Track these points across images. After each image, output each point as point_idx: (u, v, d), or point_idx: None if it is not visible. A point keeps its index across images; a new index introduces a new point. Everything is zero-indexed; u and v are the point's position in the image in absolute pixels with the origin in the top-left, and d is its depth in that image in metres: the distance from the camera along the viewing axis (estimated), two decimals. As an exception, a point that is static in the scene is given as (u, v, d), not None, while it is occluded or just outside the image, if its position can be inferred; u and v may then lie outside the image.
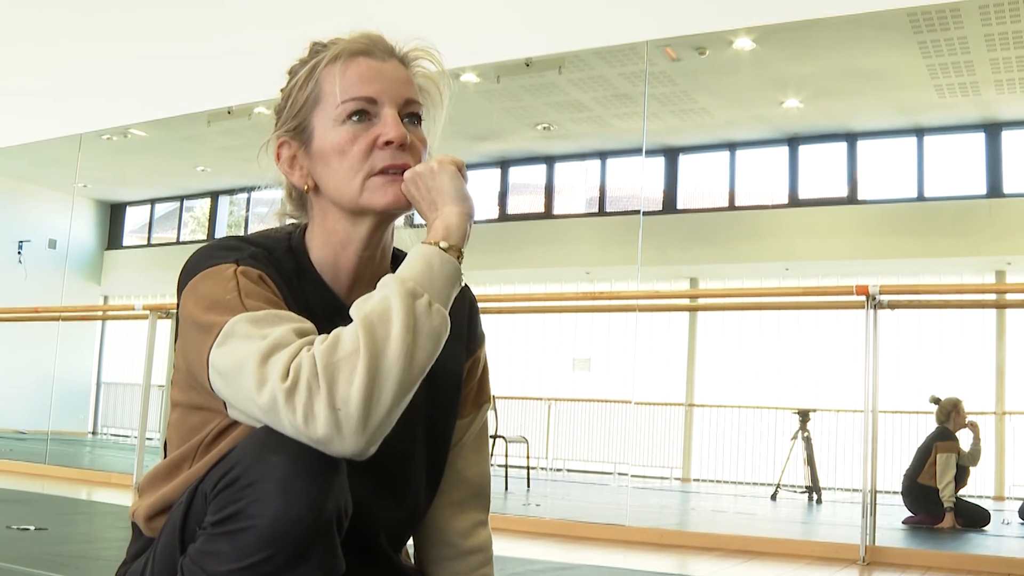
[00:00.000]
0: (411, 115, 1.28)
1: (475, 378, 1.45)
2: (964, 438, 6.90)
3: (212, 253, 1.24)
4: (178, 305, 1.23)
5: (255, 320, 1.12)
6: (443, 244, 1.18)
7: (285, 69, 1.34)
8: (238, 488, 1.06)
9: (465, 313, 1.43)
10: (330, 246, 1.31)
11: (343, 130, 1.25)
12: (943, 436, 6.80)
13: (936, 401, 6.95)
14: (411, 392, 1.10)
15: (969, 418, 6.94)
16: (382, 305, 1.11)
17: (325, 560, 1.08)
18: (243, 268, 1.21)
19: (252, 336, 1.10)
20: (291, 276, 1.28)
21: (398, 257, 1.38)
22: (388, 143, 1.24)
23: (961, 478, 6.75)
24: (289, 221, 1.37)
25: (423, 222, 1.28)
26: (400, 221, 1.37)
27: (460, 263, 1.19)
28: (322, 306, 1.28)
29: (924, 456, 6.78)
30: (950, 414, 6.87)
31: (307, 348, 1.08)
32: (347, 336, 1.08)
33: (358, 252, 1.30)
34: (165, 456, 1.31)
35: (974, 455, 6.89)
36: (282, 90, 1.32)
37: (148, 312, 6.70)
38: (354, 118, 1.25)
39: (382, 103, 1.25)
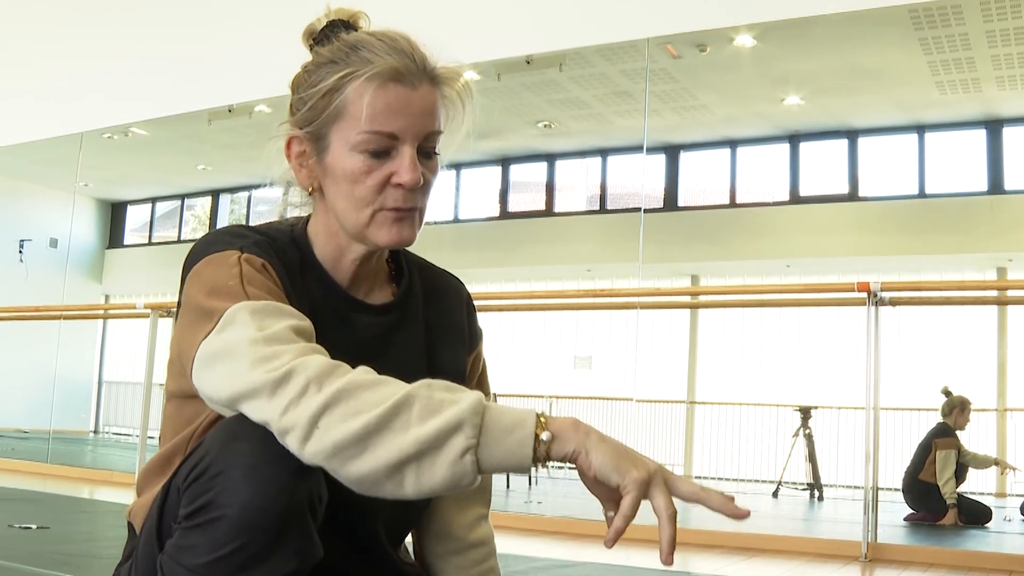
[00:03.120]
0: (429, 149, 1.25)
1: (476, 374, 1.45)
2: (963, 436, 6.90)
3: (217, 239, 1.23)
4: (181, 289, 1.22)
5: (255, 310, 1.12)
6: (544, 437, 1.07)
7: (284, 67, 1.33)
8: (207, 479, 1.06)
9: (464, 311, 1.44)
10: (332, 247, 1.30)
11: (360, 159, 1.22)
12: (943, 433, 6.79)
13: (947, 393, 6.93)
14: (375, 486, 1.04)
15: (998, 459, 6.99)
16: (432, 404, 1.05)
17: (300, 546, 1.07)
18: (247, 256, 1.20)
19: (250, 325, 1.10)
20: (294, 266, 1.28)
21: (397, 254, 1.39)
22: (401, 184, 1.22)
23: (961, 474, 6.75)
24: (291, 212, 1.37)
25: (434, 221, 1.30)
26: None
27: (533, 458, 1.07)
28: (326, 297, 1.29)
29: (924, 453, 6.77)
30: (954, 411, 6.85)
31: (316, 354, 1.07)
32: (375, 388, 1.05)
33: (358, 259, 1.30)
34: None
35: (982, 462, 6.88)
36: (306, 70, 1.28)
37: (149, 311, 6.70)
38: (372, 150, 1.22)
39: (403, 140, 1.22)
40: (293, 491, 1.05)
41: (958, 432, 6.84)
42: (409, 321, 1.36)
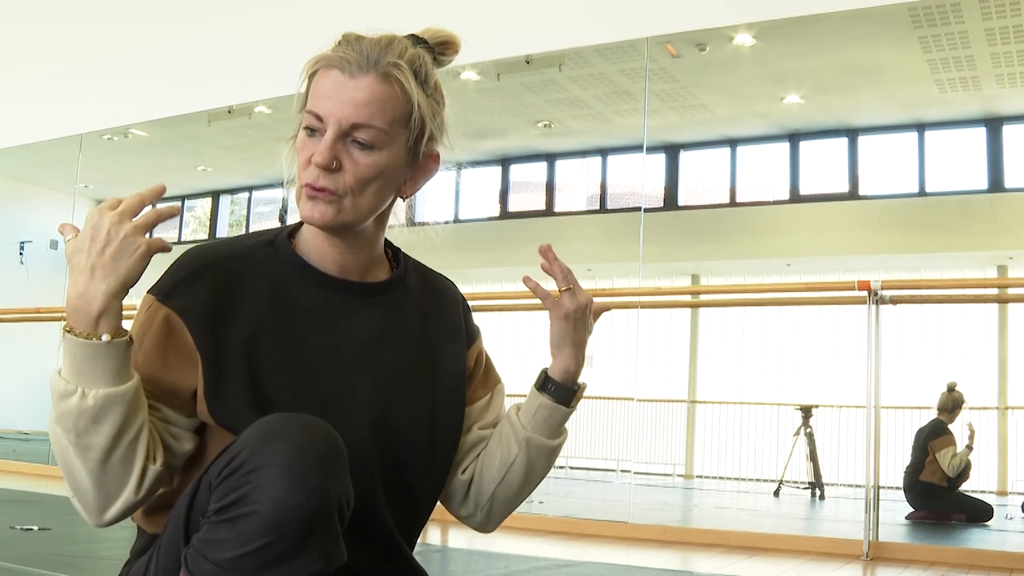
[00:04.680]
0: (361, 140, 1.27)
1: (480, 367, 1.50)
2: (957, 431, 6.89)
3: (164, 274, 1.30)
4: None
5: None
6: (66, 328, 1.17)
7: (284, 67, 1.36)
8: (242, 474, 1.07)
9: (460, 312, 1.49)
10: (315, 233, 1.35)
11: (300, 136, 1.30)
12: (937, 432, 6.77)
13: (952, 388, 6.91)
14: (106, 462, 1.18)
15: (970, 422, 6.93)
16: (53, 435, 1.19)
17: (327, 549, 1.09)
18: (165, 312, 1.26)
19: None
20: (267, 266, 1.33)
21: (396, 251, 1.44)
22: (314, 163, 1.27)
23: (964, 473, 6.75)
24: (291, 213, 1.42)
25: (420, 221, 1.34)
26: (401, 219, 1.39)
27: (93, 338, 1.15)
28: (304, 283, 1.33)
29: (922, 454, 6.76)
30: (956, 408, 6.84)
31: None
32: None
33: (331, 244, 1.34)
34: None
35: (961, 459, 6.82)
36: None
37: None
38: (307, 128, 1.29)
39: (327, 123, 1.26)
40: (326, 493, 1.07)
41: (951, 427, 6.83)
42: (404, 304, 1.40)
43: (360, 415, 1.30)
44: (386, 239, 1.41)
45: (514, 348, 11.20)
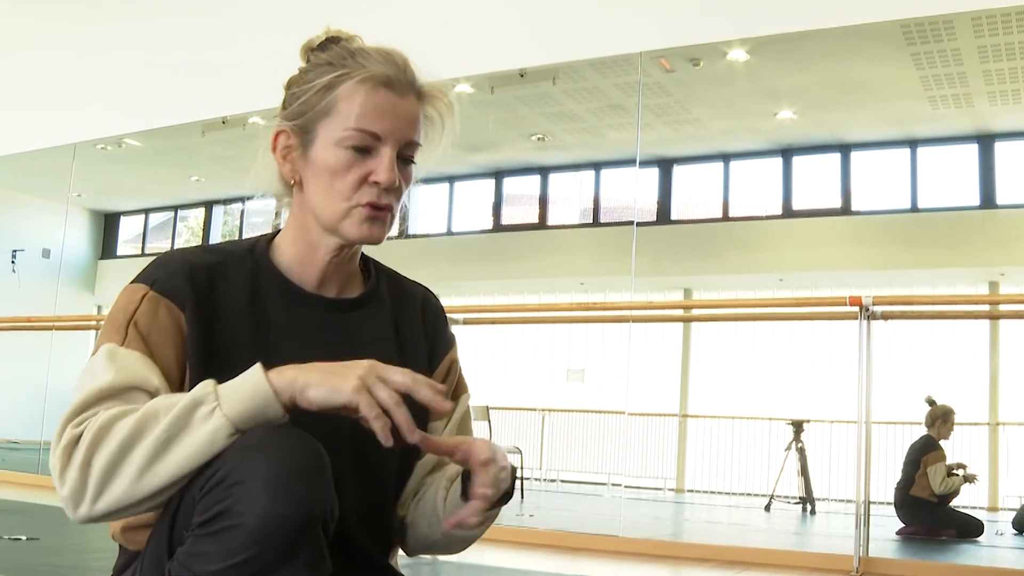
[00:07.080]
0: (407, 156, 1.31)
1: (452, 378, 1.47)
2: (948, 447, 6.90)
3: (150, 267, 1.30)
4: None
5: (112, 355, 1.20)
6: (275, 379, 1.13)
7: (278, 78, 1.36)
8: (225, 487, 1.07)
9: (433, 319, 1.47)
10: (301, 243, 1.35)
11: (342, 154, 1.28)
12: (929, 446, 6.78)
13: (931, 402, 6.93)
14: (149, 489, 1.10)
15: (970, 470, 6.97)
16: (170, 400, 1.13)
17: (312, 559, 1.08)
18: (152, 295, 1.26)
19: (97, 370, 1.19)
20: (244, 278, 1.33)
21: (367, 261, 1.44)
22: (377, 183, 1.28)
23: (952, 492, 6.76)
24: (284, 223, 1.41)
25: (414, 233, 1.33)
26: (393, 231, 1.39)
27: (275, 392, 1.12)
28: (283, 298, 1.33)
29: (913, 469, 6.76)
30: (937, 421, 6.85)
31: (105, 407, 1.14)
32: (123, 415, 1.13)
33: (328, 255, 1.34)
34: None
35: (954, 484, 6.83)
36: (303, 70, 1.34)
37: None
38: (356, 147, 1.28)
39: (385, 142, 1.28)
40: (311, 505, 1.07)
41: (942, 442, 6.84)
42: (378, 319, 1.40)
43: (330, 430, 1.27)
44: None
45: (506, 359, 11.21)
